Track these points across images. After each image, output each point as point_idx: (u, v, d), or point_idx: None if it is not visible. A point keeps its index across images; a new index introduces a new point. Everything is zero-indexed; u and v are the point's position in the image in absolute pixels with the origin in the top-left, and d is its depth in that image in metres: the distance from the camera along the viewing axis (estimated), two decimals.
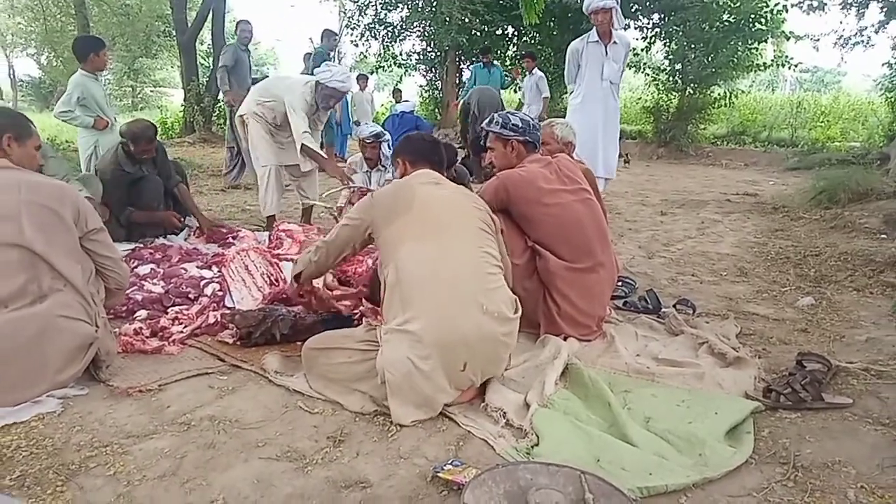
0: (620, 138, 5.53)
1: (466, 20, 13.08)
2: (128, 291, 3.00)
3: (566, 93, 15.51)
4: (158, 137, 4.39)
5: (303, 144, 4.21)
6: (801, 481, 1.75)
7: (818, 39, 12.15)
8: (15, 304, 2.11)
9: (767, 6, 11.31)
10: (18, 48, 24.07)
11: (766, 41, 12.41)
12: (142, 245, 4.05)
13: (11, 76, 26.46)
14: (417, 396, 2.03)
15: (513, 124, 2.88)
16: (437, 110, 15.74)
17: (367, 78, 12.43)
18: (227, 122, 7.14)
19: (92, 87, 4.86)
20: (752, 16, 11.32)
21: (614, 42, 4.89)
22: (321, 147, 5.21)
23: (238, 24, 7.21)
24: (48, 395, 2.14)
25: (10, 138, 2.29)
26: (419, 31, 15.06)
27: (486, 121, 2.98)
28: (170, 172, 4.43)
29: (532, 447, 1.90)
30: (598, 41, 4.92)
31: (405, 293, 2.09)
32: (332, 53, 9.29)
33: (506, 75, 10.08)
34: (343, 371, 2.19)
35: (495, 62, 10.01)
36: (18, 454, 1.84)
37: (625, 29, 5.09)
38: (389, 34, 15.14)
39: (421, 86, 16.61)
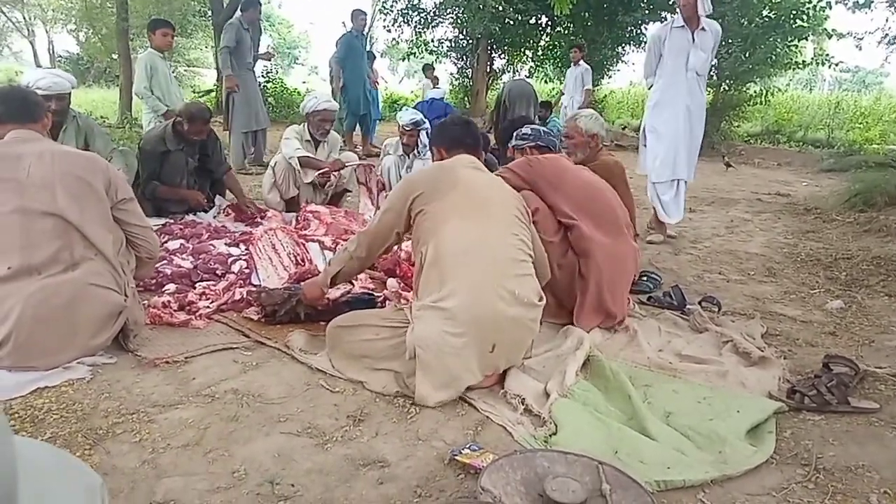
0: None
1: (500, 8, 12.95)
2: (157, 265, 3.05)
3: (597, 85, 15.35)
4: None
5: (299, 158, 4.45)
6: (822, 483, 1.73)
7: (862, 38, 11.81)
8: (48, 270, 2.17)
9: (810, 2, 11.01)
10: (59, 24, 24.45)
11: (806, 38, 12.09)
12: (172, 221, 4.11)
13: (50, 51, 26.94)
14: (445, 374, 2.04)
15: (523, 133, 3.13)
16: (466, 98, 15.66)
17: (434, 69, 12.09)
18: (230, 108, 6.80)
19: (158, 63, 5.30)
20: (794, 12, 11.02)
21: (702, 28, 4.34)
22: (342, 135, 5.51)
23: (247, 2, 6.98)
24: (78, 362, 2.19)
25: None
26: (452, 17, 14.95)
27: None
28: (221, 159, 4.52)
29: (550, 436, 1.90)
30: (683, 26, 4.37)
31: (444, 270, 2.10)
32: (365, 32, 9.08)
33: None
34: (369, 347, 2.19)
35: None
36: (49, 417, 1.90)
37: (708, 17, 4.38)
38: (422, 20, 15.06)
39: (452, 73, 16.54)
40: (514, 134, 3.14)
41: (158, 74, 5.36)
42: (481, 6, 12.96)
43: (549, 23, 14.69)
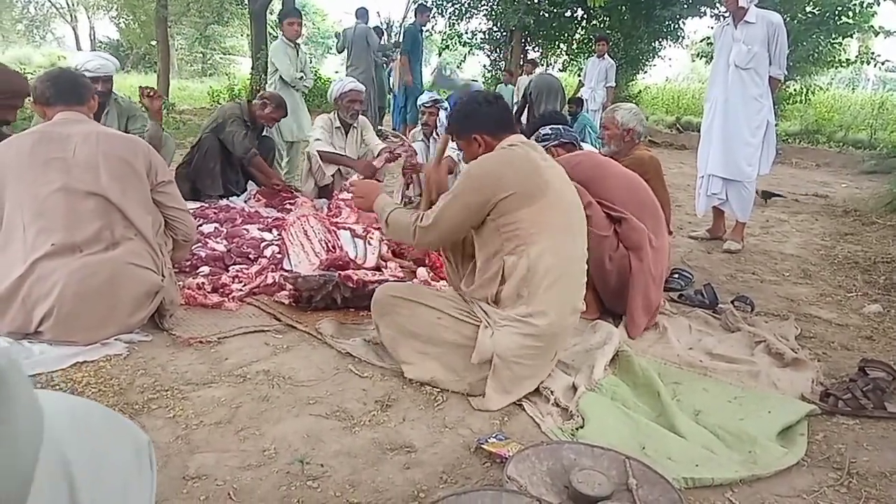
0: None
1: (535, 0, 12.84)
2: (192, 248, 3.11)
3: (632, 80, 15.10)
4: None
5: (320, 153, 4.49)
6: (855, 488, 1.70)
7: None
8: (90, 248, 2.23)
9: None
10: (100, 11, 24.98)
11: (851, 36, 11.75)
12: (207, 205, 4.18)
13: (91, 37, 27.54)
14: (511, 383, 2.03)
15: (544, 135, 3.14)
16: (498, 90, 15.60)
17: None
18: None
19: (290, 52, 5.40)
20: (839, 8, 10.71)
21: (747, 21, 4.19)
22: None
23: (358, 9, 8.36)
24: (116, 339, 2.26)
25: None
26: (486, 9, 14.88)
27: None
28: (247, 147, 4.59)
29: (577, 429, 1.90)
30: (730, 22, 4.31)
31: (533, 289, 2.00)
32: (423, 29, 9.55)
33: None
34: (428, 329, 2.09)
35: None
36: (88, 390, 1.95)
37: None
38: (456, 12, 15.01)
39: (484, 66, 16.47)
40: (534, 138, 3.08)
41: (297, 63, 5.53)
42: None
43: (585, 16, 14.51)
